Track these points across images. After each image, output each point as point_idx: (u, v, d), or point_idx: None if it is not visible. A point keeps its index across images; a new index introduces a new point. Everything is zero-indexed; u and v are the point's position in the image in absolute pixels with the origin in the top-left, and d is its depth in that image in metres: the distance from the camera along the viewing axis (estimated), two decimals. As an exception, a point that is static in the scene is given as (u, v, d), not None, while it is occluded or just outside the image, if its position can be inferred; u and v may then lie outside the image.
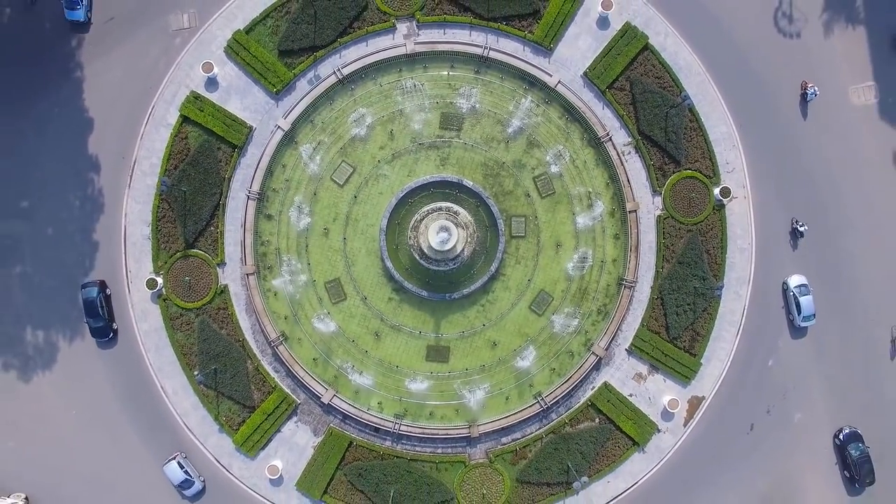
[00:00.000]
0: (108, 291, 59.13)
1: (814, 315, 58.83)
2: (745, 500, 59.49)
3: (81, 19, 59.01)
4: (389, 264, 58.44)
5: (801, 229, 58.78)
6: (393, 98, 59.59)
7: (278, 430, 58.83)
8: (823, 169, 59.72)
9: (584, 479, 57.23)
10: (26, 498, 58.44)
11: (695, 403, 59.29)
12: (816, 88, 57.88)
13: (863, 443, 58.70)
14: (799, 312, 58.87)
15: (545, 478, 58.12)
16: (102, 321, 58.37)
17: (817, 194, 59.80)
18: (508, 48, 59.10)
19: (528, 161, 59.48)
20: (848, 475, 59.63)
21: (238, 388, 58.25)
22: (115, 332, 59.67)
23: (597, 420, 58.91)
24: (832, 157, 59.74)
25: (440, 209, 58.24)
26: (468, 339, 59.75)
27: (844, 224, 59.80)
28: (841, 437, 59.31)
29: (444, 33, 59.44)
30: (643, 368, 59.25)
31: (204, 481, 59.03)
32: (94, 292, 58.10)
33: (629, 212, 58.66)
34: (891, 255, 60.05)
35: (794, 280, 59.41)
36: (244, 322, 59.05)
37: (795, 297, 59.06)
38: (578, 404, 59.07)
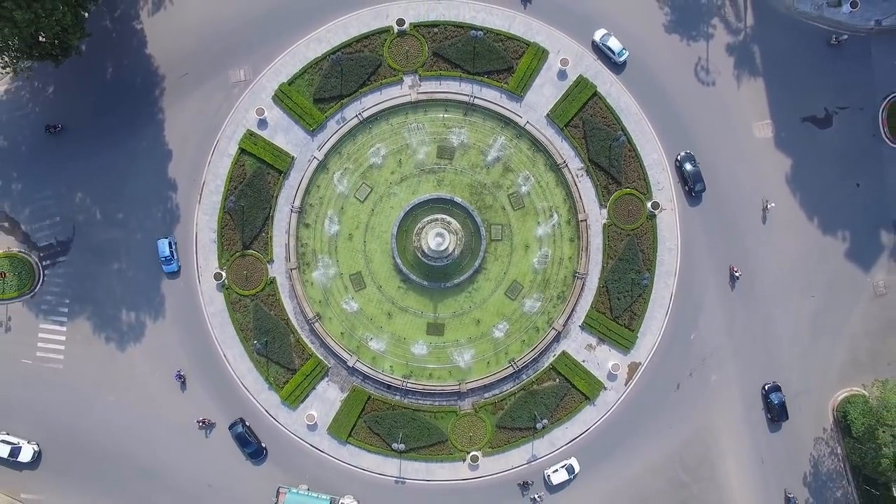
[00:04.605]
0: (247, 423, 68.39)
1: (624, 49, 68.08)
2: (671, 443, 69.66)
3: (175, 269, 69.04)
4: (399, 261, 68.87)
5: None
6: (401, 134, 70.05)
7: (314, 388, 69.16)
8: (734, 188, 70.86)
9: (545, 421, 67.76)
10: (357, 501, 67.36)
11: (633, 368, 69.86)
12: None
13: (696, 163, 68.60)
14: (614, 53, 68.69)
15: (517, 424, 68.66)
16: (254, 446, 68.03)
17: (729, 207, 70.89)
18: (489, 96, 69.92)
19: (504, 182, 70.21)
20: (686, 188, 69.37)
21: (283, 355, 68.99)
22: (266, 450, 68.22)
23: (557, 380, 69.16)
24: (741, 178, 70.73)
25: (437, 219, 68.51)
26: (458, 317, 69.81)
27: (753, 225, 70.23)
28: (679, 158, 69.03)
29: (440, 84, 70.05)
30: (593, 340, 69.96)
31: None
32: (240, 428, 67.88)
33: (581, 221, 69.52)
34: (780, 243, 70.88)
35: (598, 34, 68.81)
36: (288, 305, 69.61)
37: (604, 44, 68.41)
38: (543, 367, 69.47)
